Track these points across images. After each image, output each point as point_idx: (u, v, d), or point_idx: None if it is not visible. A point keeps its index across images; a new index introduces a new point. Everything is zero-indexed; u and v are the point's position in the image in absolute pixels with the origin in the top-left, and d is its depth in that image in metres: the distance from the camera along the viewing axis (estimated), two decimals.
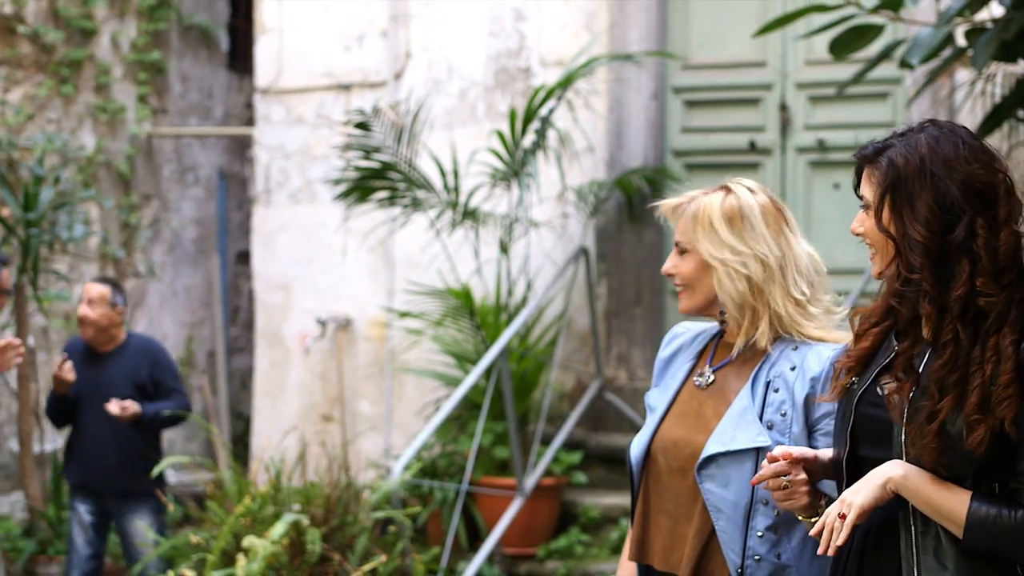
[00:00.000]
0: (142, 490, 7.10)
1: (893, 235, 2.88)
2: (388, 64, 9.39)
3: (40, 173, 7.95)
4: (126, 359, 7.22)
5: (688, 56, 8.65)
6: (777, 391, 3.40)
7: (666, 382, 3.61)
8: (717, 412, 3.44)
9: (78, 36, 9.89)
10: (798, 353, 3.41)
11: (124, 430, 7.04)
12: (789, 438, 3.35)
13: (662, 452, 3.47)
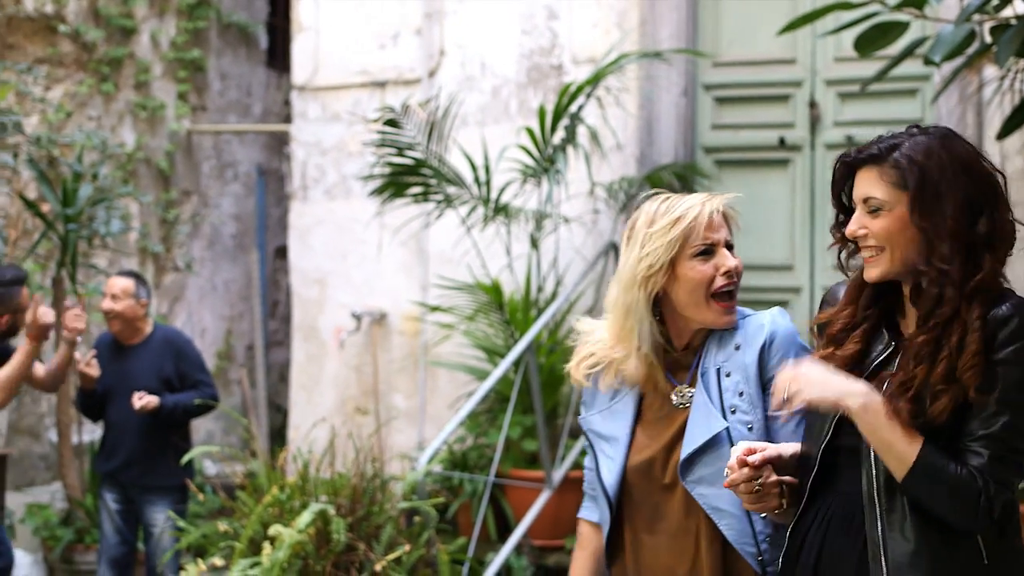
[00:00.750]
0: (164, 483, 7.28)
1: (925, 228, 3.00)
2: (422, 62, 9.49)
3: (79, 169, 8.08)
4: (151, 352, 7.35)
5: (718, 53, 8.70)
6: (729, 375, 3.44)
7: (615, 406, 3.58)
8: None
9: (118, 35, 10.04)
10: (738, 332, 3.48)
11: (149, 422, 7.18)
12: (755, 416, 3.40)
13: (639, 475, 3.49)
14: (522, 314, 8.10)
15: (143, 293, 7.35)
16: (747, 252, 8.31)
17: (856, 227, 3.11)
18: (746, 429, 3.40)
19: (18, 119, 7.89)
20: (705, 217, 3.45)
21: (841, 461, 3.13)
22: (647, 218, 3.50)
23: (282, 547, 5.72)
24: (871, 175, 3.08)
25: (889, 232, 3.06)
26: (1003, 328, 2.94)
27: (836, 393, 2.99)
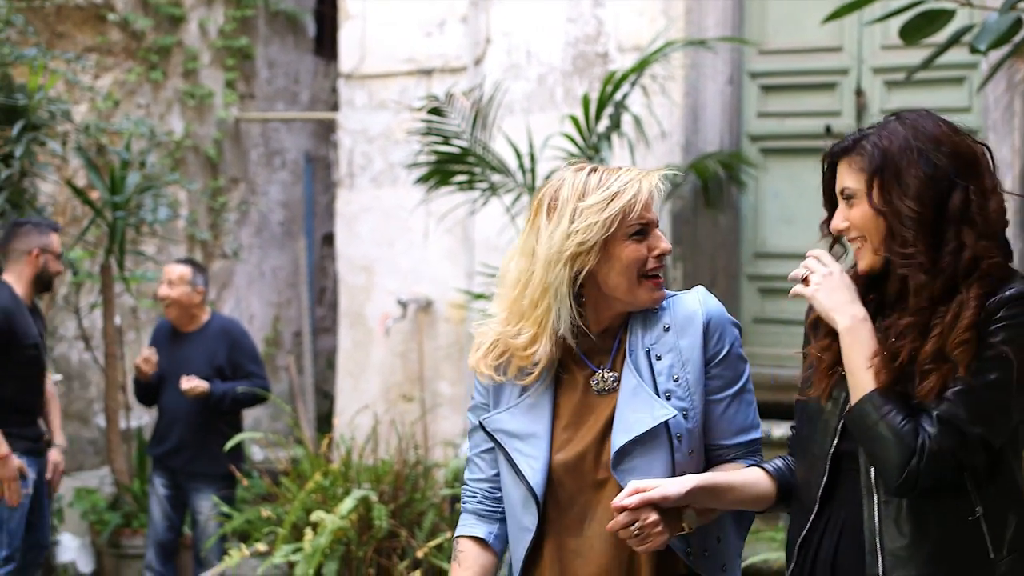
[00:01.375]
0: (211, 470, 7.35)
1: (885, 212, 2.97)
2: (468, 49, 9.51)
3: (127, 157, 8.14)
4: (206, 340, 7.43)
5: (764, 41, 8.67)
6: (660, 358, 3.23)
7: (527, 400, 3.28)
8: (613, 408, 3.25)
9: (167, 23, 10.11)
10: (663, 313, 3.27)
11: (199, 409, 7.25)
12: (691, 404, 3.19)
13: (568, 472, 3.22)
14: None
15: (200, 281, 7.43)
16: (793, 240, 8.34)
17: (838, 220, 3.11)
18: (681, 416, 3.18)
19: (67, 108, 7.94)
20: (644, 195, 3.23)
21: (845, 467, 3.08)
22: (575, 190, 3.22)
23: (324, 533, 5.77)
24: (844, 166, 3.09)
25: (863, 220, 3.04)
26: (1001, 310, 2.87)
27: (834, 305, 3.05)
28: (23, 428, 6.75)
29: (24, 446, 6.71)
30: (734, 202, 8.71)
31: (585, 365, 3.28)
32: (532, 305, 3.22)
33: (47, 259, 6.76)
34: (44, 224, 6.93)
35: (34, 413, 6.89)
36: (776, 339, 8.63)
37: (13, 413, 6.71)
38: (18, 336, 6.62)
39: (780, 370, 8.44)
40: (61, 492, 8.25)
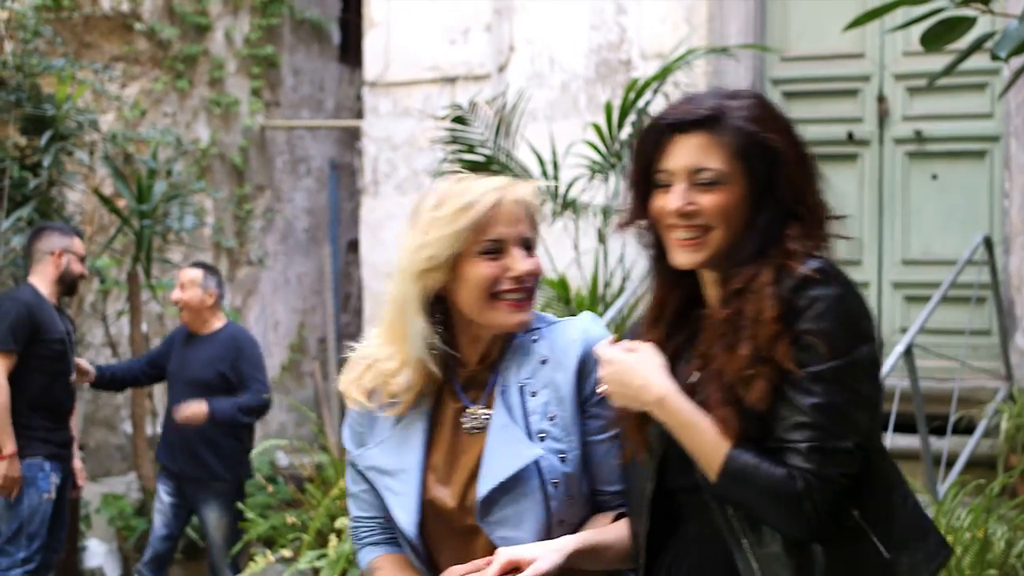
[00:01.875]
0: (216, 479, 7.25)
1: (762, 201, 2.65)
2: (492, 57, 9.56)
3: (153, 166, 8.21)
4: (215, 345, 7.35)
5: (786, 48, 8.70)
6: (535, 394, 2.86)
7: (398, 433, 2.94)
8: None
9: (193, 32, 10.18)
10: (542, 343, 2.92)
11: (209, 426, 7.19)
12: (569, 445, 2.83)
13: (436, 517, 2.87)
14: (589, 309, 8.14)
15: (211, 283, 7.37)
16: None
17: (683, 203, 2.64)
18: (557, 459, 2.81)
19: (94, 117, 8.01)
20: (505, 208, 2.87)
21: (683, 502, 2.71)
22: (435, 199, 2.91)
23: (349, 539, 5.80)
24: (700, 142, 2.64)
25: (726, 208, 2.63)
26: (800, 293, 2.55)
27: (635, 391, 2.61)
28: (49, 432, 6.80)
29: (48, 451, 6.77)
30: None
31: (459, 399, 2.94)
32: (390, 325, 2.95)
33: (70, 259, 6.83)
34: (67, 228, 7.00)
35: (62, 415, 6.92)
36: None
37: (38, 413, 6.77)
38: (42, 330, 6.71)
39: None
40: (87, 498, 8.32)
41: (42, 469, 6.74)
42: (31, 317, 6.69)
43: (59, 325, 6.80)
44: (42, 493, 6.73)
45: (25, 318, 6.69)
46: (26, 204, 7.63)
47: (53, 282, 6.86)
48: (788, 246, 2.62)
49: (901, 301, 8.40)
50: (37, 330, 6.70)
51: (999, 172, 8.18)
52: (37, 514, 6.70)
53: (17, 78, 7.76)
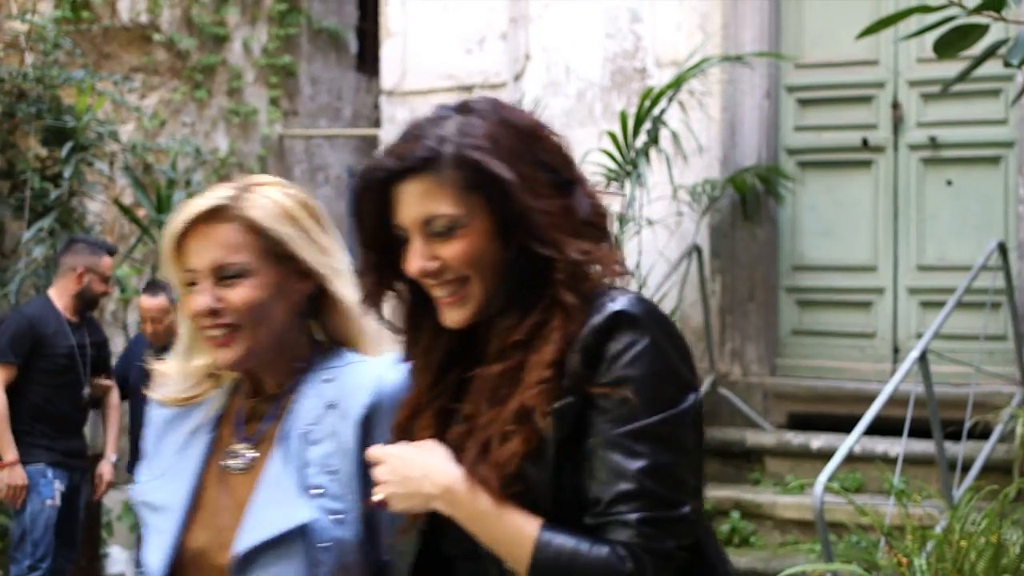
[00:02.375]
0: None
1: (505, 232, 2.21)
2: (508, 66, 9.62)
3: (173, 176, 8.29)
4: None
5: (801, 55, 8.74)
6: (318, 443, 2.46)
7: (175, 465, 2.57)
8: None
9: (211, 42, 10.27)
10: (332, 385, 2.52)
11: None
12: (347, 504, 2.44)
13: (192, 567, 2.49)
14: None
15: (175, 296, 7.36)
16: (830, 253, 8.40)
17: (425, 261, 2.21)
18: (332, 520, 2.42)
19: (113, 128, 8.11)
20: (193, 234, 2.48)
21: (462, 570, 2.30)
22: None
23: None
24: (423, 188, 2.21)
25: (471, 254, 2.21)
26: (606, 337, 2.13)
27: (416, 485, 2.17)
28: (53, 440, 6.93)
29: (51, 458, 6.91)
30: (772, 215, 8.77)
31: (235, 431, 2.57)
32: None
33: (92, 279, 6.95)
34: (99, 246, 7.10)
35: (68, 425, 7.05)
36: (814, 351, 8.71)
37: (40, 422, 6.91)
38: (45, 343, 6.87)
39: (818, 381, 8.53)
40: (109, 505, 8.38)
41: (44, 476, 6.88)
42: (32, 330, 6.88)
43: (66, 339, 6.95)
44: (44, 499, 6.86)
45: (25, 331, 6.88)
46: (47, 215, 7.72)
47: (72, 297, 6.98)
48: (565, 284, 2.18)
49: (916, 307, 8.44)
50: (39, 343, 6.89)
51: (1013, 178, 8.21)
52: (40, 520, 6.82)
53: (37, 90, 7.86)
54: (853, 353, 8.63)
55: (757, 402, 8.70)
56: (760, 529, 8.02)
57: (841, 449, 6.44)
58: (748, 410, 8.62)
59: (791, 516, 7.92)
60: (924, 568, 5.75)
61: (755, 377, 8.77)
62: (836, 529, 7.17)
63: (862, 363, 8.59)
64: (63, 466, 6.97)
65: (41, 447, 6.93)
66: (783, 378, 8.76)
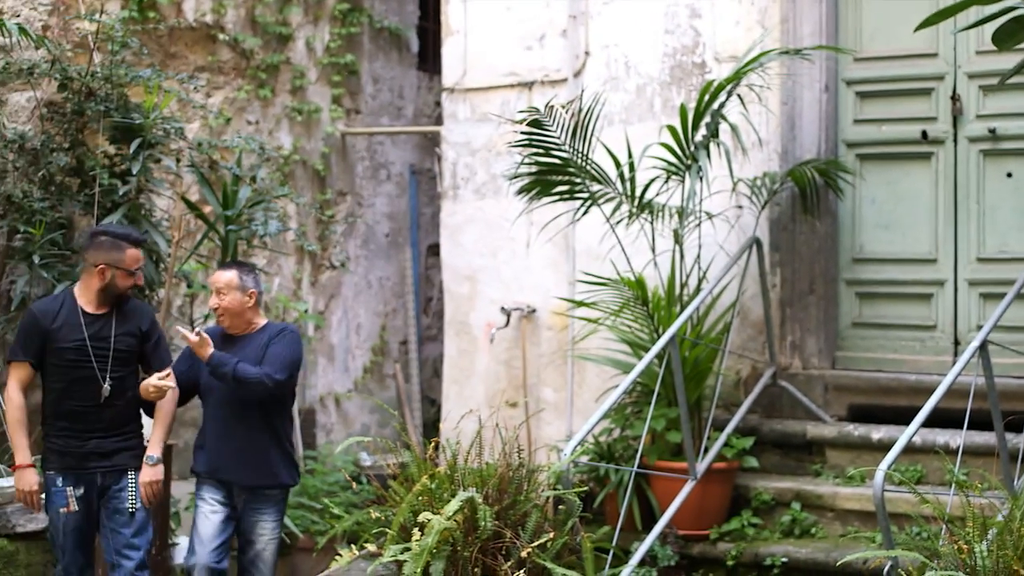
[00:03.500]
0: (274, 487, 7.08)
1: None
2: (568, 62, 9.69)
3: (238, 172, 8.39)
4: (255, 345, 7.09)
5: (860, 48, 8.76)
6: None
7: None
8: None
9: (275, 41, 10.39)
10: None
11: (251, 418, 7.01)
12: None
13: None
14: (666, 309, 8.25)
15: (250, 282, 7.14)
16: (890, 246, 8.44)
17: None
18: None
19: (180, 126, 8.21)
20: None
21: None
22: None
23: (431, 533, 5.95)
24: None
25: None
26: None
27: None
28: (67, 441, 6.71)
29: (62, 464, 6.70)
30: (832, 208, 8.80)
31: None
32: None
33: (114, 275, 6.73)
34: (123, 237, 6.85)
35: (85, 424, 6.76)
36: (874, 343, 8.74)
37: (57, 422, 6.74)
38: (53, 338, 6.68)
39: (879, 374, 8.55)
40: (177, 496, 8.49)
41: (55, 483, 6.70)
42: (37, 325, 6.70)
43: (76, 332, 6.71)
44: (58, 508, 6.69)
45: (32, 327, 6.73)
46: (116, 211, 7.83)
47: (96, 292, 6.78)
48: None
49: (976, 298, 8.44)
50: (47, 338, 6.69)
51: None
52: (58, 527, 6.70)
53: (106, 88, 7.98)
54: (913, 345, 8.65)
55: (817, 394, 8.73)
56: (821, 520, 8.06)
57: (901, 439, 6.46)
58: (808, 402, 8.65)
59: (852, 507, 7.95)
60: (985, 555, 5.79)
61: (815, 370, 8.81)
62: (897, 520, 7.21)
63: (922, 355, 8.60)
64: (77, 470, 6.70)
65: (54, 451, 6.74)
66: (843, 370, 8.79)
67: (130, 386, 6.87)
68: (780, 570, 7.76)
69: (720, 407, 8.45)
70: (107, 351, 6.75)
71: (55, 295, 7.01)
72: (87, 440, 6.73)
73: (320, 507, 9.18)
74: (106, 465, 6.79)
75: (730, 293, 8.66)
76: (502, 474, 6.51)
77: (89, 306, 6.78)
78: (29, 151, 8.01)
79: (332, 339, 11.04)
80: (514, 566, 6.14)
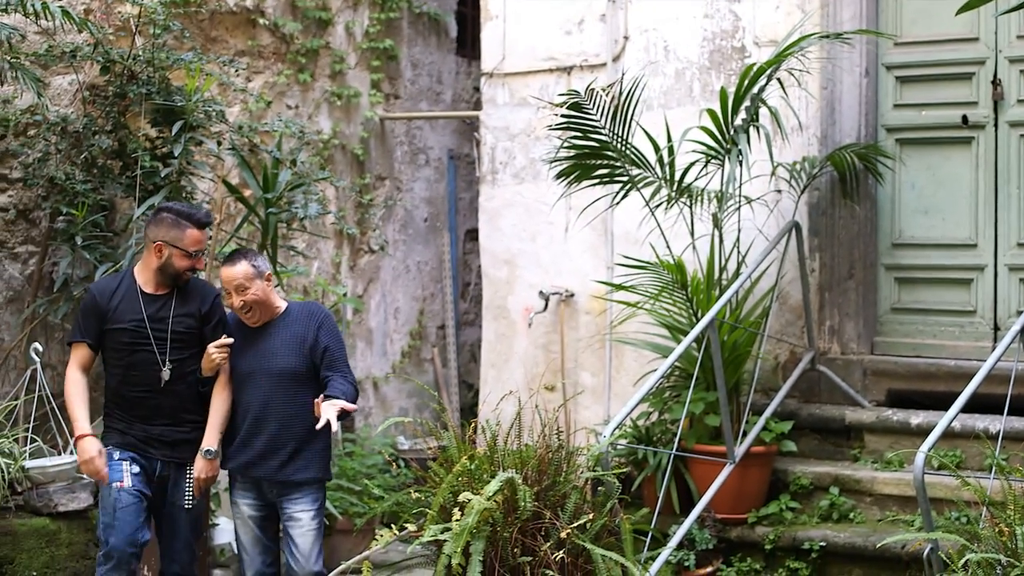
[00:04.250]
0: (314, 480, 6.79)
1: None
2: (607, 47, 9.70)
3: (278, 156, 8.42)
4: (291, 325, 6.82)
5: (900, 33, 8.74)
6: None
7: None
8: None
9: (314, 26, 10.42)
10: None
11: (291, 403, 6.72)
12: None
13: None
14: (705, 292, 8.25)
15: (263, 265, 6.85)
16: (931, 231, 8.42)
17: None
18: None
19: (221, 108, 8.25)
20: None
21: None
22: None
23: (471, 513, 5.96)
24: None
25: None
26: None
27: None
28: (130, 425, 6.60)
29: (123, 440, 6.59)
30: (871, 193, 8.78)
31: None
32: None
33: (172, 254, 6.59)
34: (187, 216, 6.69)
35: (144, 410, 6.63)
36: (913, 328, 8.72)
37: (116, 407, 6.64)
38: (107, 319, 6.56)
39: (918, 359, 8.54)
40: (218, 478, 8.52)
41: (110, 458, 6.53)
42: (95, 305, 6.57)
43: (133, 313, 6.55)
44: (112, 482, 6.50)
45: (89, 307, 6.60)
46: (157, 193, 7.88)
47: (154, 271, 6.63)
48: None
49: (1016, 284, 8.41)
50: (105, 319, 6.56)
51: None
52: (107, 503, 6.50)
53: (147, 71, 8.03)
54: (953, 331, 8.63)
55: (856, 380, 8.71)
56: (859, 505, 8.05)
57: (941, 423, 6.45)
58: (847, 387, 8.64)
59: (890, 492, 7.94)
60: None
61: (854, 355, 8.80)
62: (936, 505, 7.20)
63: (962, 340, 8.59)
64: (136, 449, 6.55)
65: (115, 430, 6.61)
66: (882, 356, 8.77)
67: (191, 371, 6.70)
68: (818, 554, 7.76)
69: (758, 392, 8.45)
70: (165, 333, 6.59)
71: (115, 275, 6.89)
72: (152, 425, 6.61)
73: (359, 489, 9.21)
74: (167, 455, 6.66)
75: (769, 278, 8.66)
76: (542, 456, 6.52)
77: (148, 286, 6.65)
78: (71, 134, 8.08)
79: (370, 323, 11.08)
80: (553, 547, 6.16)
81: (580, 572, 6.25)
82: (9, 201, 8.04)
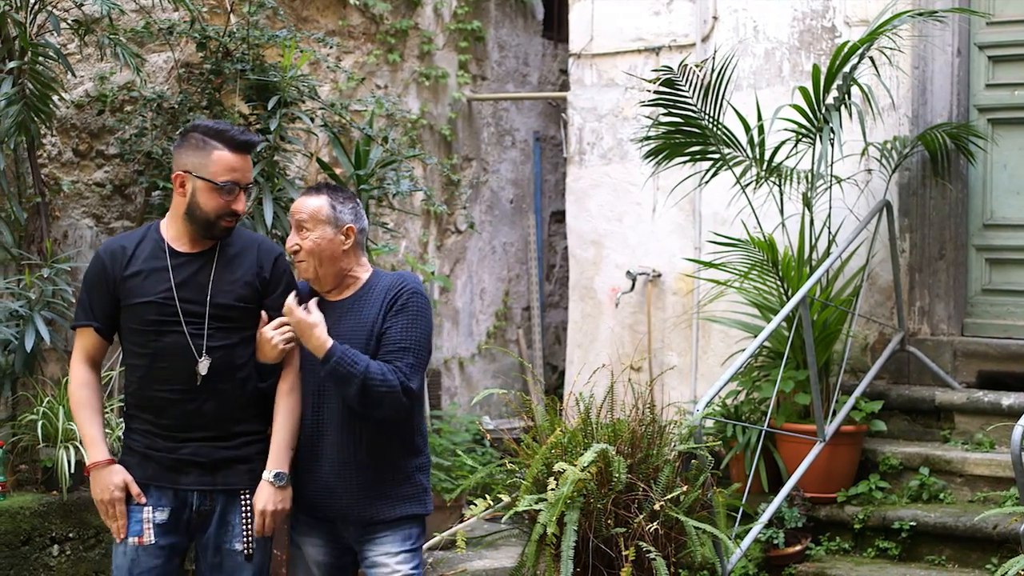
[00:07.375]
0: (395, 512, 5.06)
1: None
2: (696, 27, 9.70)
3: (370, 133, 8.49)
4: (364, 306, 5.05)
5: (993, 12, 8.68)
6: None
7: None
8: None
9: (404, 7, 10.50)
10: None
11: (365, 417, 4.94)
12: None
13: None
14: (796, 271, 8.24)
15: (347, 214, 5.05)
16: (1022, 212, 8.32)
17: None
18: None
19: (314, 84, 8.34)
20: None
21: None
22: None
23: (566, 483, 6.00)
24: None
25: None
26: None
27: None
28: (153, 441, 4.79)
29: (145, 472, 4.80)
30: (962, 173, 8.74)
31: None
32: None
33: (197, 187, 4.72)
34: (215, 134, 4.83)
35: (173, 422, 4.77)
36: (1005, 309, 8.66)
37: (141, 413, 4.85)
38: (126, 291, 4.78)
39: (1010, 340, 8.48)
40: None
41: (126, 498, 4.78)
42: (103, 274, 4.79)
43: (160, 281, 4.73)
44: (126, 537, 4.75)
45: (94, 277, 4.82)
46: None
47: (182, 218, 4.80)
48: None
49: None
50: (119, 291, 4.78)
51: None
52: (121, 566, 4.75)
53: (242, 49, 8.13)
54: None
55: (946, 361, 8.67)
56: (950, 486, 8.01)
57: None
58: (937, 368, 8.60)
59: (981, 472, 7.90)
60: None
61: (944, 336, 8.75)
62: None
63: None
64: (162, 485, 4.76)
65: (134, 453, 4.80)
66: (972, 337, 8.72)
67: (242, 363, 4.85)
68: (908, 534, 7.74)
69: (847, 372, 8.44)
70: (203, 308, 4.76)
71: (134, 231, 5.09)
72: (181, 443, 4.78)
73: (447, 464, 9.28)
74: (207, 483, 4.81)
75: (859, 258, 8.63)
76: (634, 429, 6.55)
77: (178, 242, 4.83)
78: (167, 110, 8.19)
79: (457, 303, 11.15)
80: (647, 518, 6.19)
81: (673, 544, 6.28)
82: (105, 176, 8.16)
